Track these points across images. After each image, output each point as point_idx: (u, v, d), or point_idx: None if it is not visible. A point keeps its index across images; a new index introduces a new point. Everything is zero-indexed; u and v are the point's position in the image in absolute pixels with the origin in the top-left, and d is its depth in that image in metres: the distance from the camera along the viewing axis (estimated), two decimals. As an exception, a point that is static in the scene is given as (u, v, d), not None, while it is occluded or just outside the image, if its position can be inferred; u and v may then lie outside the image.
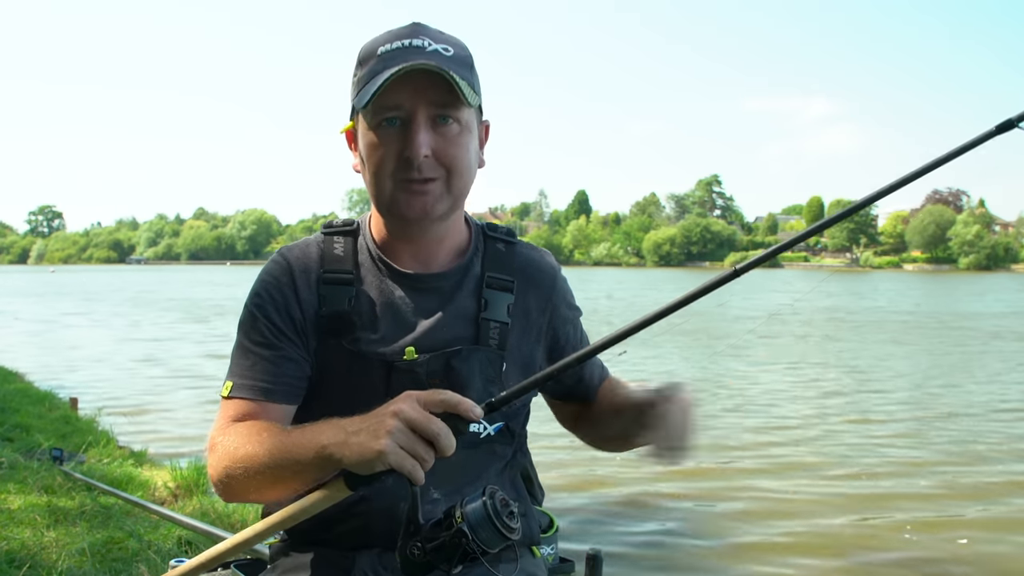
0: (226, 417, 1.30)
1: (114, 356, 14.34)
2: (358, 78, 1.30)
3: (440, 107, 1.25)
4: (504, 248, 1.44)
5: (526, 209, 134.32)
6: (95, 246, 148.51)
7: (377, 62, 1.26)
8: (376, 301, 1.34)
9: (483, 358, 1.34)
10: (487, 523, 1.01)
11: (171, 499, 4.77)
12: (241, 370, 1.32)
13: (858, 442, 7.78)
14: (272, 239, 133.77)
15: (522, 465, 1.49)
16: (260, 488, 1.20)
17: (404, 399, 1.05)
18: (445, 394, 1.05)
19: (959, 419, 8.81)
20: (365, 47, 1.31)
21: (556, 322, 1.46)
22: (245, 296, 1.38)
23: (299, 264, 1.35)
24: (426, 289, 1.36)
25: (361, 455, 1.03)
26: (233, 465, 1.20)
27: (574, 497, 5.68)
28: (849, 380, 11.84)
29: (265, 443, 1.17)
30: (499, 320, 1.36)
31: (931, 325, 21.23)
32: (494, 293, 1.38)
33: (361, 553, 1.30)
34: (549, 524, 1.55)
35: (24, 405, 7.20)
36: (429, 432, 1.02)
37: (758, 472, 6.66)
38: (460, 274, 1.38)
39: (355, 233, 1.40)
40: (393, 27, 1.32)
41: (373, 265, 1.37)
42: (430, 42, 1.27)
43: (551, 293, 1.46)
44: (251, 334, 1.33)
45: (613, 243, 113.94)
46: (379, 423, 1.03)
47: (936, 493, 6.11)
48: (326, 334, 1.33)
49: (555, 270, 1.49)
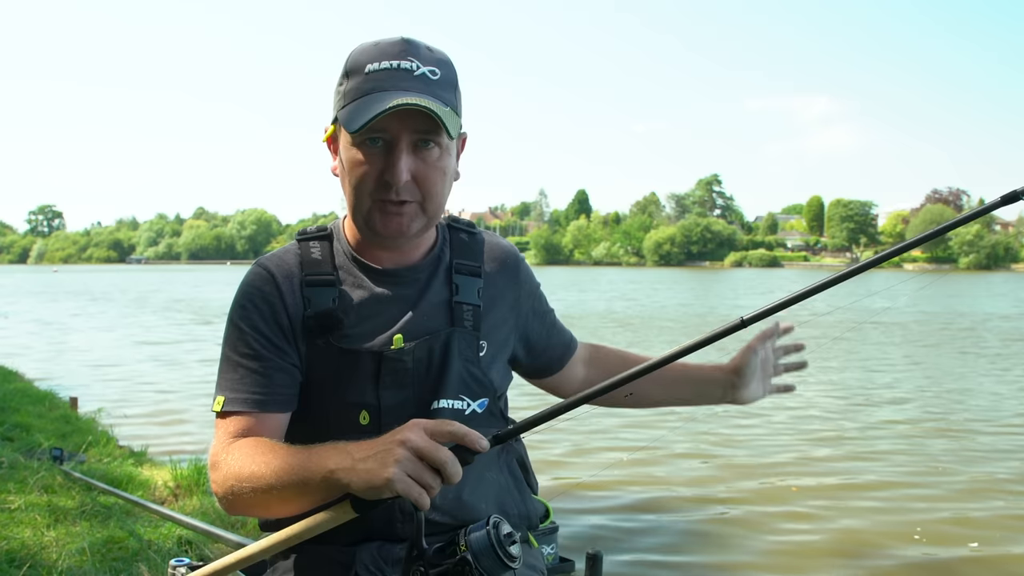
0: (225, 433, 1.31)
1: (115, 356, 14.34)
2: (344, 90, 1.31)
3: (423, 133, 1.28)
4: (467, 238, 1.50)
5: (526, 209, 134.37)
6: (95, 246, 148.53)
7: (364, 81, 1.28)
8: (358, 298, 1.38)
9: (460, 340, 1.39)
10: (490, 552, 1.05)
11: (171, 498, 4.77)
12: (231, 384, 1.33)
13: (864, 442, 7.78)
14: (272, 239, 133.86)
15: (518, 452, 1.52)
16: (266, 506, 1.24)
17: (411, 428, 1.08)
18: (452, 425, 1.08)
19: (974, 422, 8.78)
20: (353, 59, 1.31)
21: (524, 300, 1.54)
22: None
23: (280, 271, 1.38)
24: (403, 282, 1.40)
25: (369, 482, 1.06)
26: (239, 484, 1.22)
27: (574, 497, 5.68)
28: (855, 382, 11.82)
29: (271, 464, 1.19)
30: (471, 303, 1.42)
31: (960, 326, 21.08)
32: (463, 278, 1.44)
33: (361, 548, 1.31)
34: (545, 513, 1.56)
35: (24, 405, 7.20)
36: (436, 461, 1.05)
37: (759, 472, 6.65)
38: (432, 265, 1.44)
39: (330, 238, 1.44)
40: (381, 39, 1.32)
41: (351, 266, 1.41)
42: (418, 64, 1.29)
43: (516, 273, 1.54)
44: (238, 347, 1.34)
45: (613, 242, 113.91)
46: (387, 452, 1.06)
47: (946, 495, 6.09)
48: (314, 335, 1.35)
49: (517, 253, 1.57)
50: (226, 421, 1.32)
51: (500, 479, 1.43)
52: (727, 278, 63.33)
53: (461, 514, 1.32)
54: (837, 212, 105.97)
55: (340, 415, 1.34)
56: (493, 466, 1.42)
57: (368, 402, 1.32)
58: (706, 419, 8.43)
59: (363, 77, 1.28)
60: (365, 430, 1.31)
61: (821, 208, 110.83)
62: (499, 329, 1.47)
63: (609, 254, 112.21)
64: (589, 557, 1.66)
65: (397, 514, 1.31)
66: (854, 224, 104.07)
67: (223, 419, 1.33)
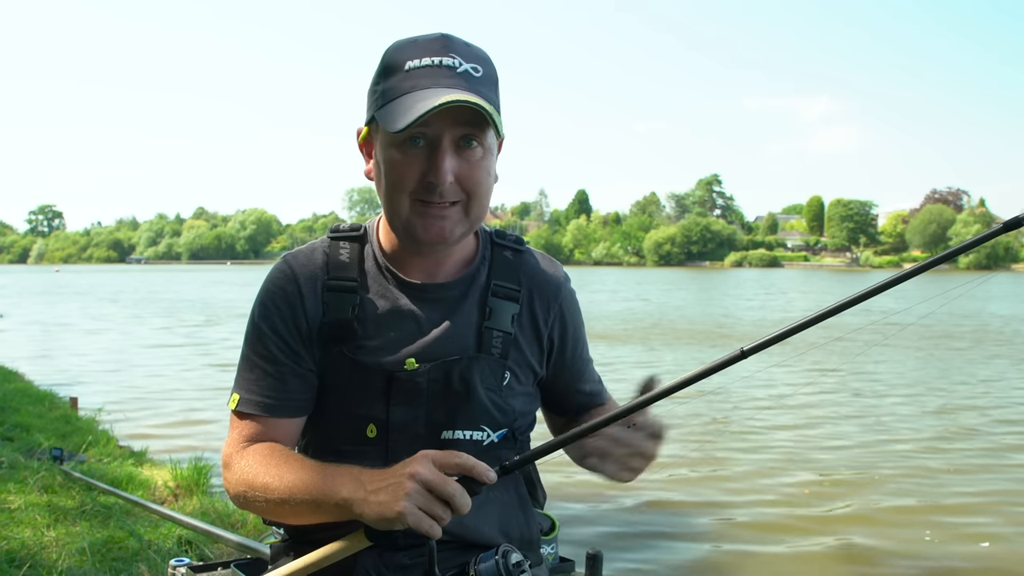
0: (239, 434, 1.33)
1: (115, 356, 14.34)
2: (382, 89, 1.25)
3: (467, 132, 1.23)
4: (512, 256, 1.42)
5: (526, 208, 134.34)
6: (95, 246, 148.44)
7: (405, 78, 1.23)
8: (380, 309, 1.33)
9: (484, 367, 1.34)
10: None
11: (171, 498, 4.78)
12: (247, 383, 1.34)
13: (872, 442, 7.77)
14: (272, 238, 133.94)
15: (526, 470, 1.49)
16: (278, 515, 1.28)
17: (420, 461, 1.10)
18: (461, 457, 1.11)
19: (987, 423, 8.76)
20: (391, 56, 1.26)
21: (557, 332, 1.45)
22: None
23: (304, 271, 1.35)
24: (431, 299, 1.35)
25: (381, 515, 1.10)
26: (251, 492, 1.26)
27: (575, 497, 5.68)
28: (862, 384, 11.80)
29: (284, 479, 1.22)
30: (502, 330, 1.36)
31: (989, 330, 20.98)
32: (499, 302, 1.37)
33: (363, 553, 1.29)
34: (551, 527, 1.55)
35: (24, 405, 7.21)
36: (445, 494, 1.08)
37: (760, 473, 6.65)
38: (466, 284, 1.37)
39: (362, 239, 1.39)
40: (418, 35, 1.27)
41: (379, 273, 1.36)
42: (460, 61, 1.23)
43: (555, 303, 1.44)
44: (257, 347, 1.34)
45: (613, 243, 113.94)
46: (398, 485, 1.09)
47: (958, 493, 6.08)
48: (329, 342, 1.33)
49: (562, 280, 1.46)
50: (240, 421, 1.33)
51: (504, 498, 1.40)
52: (729, 278, 63.27)
53: (463, 533, 1.31)
54: (837, 212, 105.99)
55: (349, 425, 1.33)
56: (498, 485, 1.35)
57: (377, 417, 1.31)
58: (707, 419, 8.43)
59: (403, 75, 1.23)
60: (372, 443, 1.31)
61: (821, 208, 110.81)
62: (526, 355, 1.40)
63: (609, 254, 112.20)
64: (589, 557, 1.66)
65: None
66: (854, 224, 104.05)
67: (237, 418, 1.34)
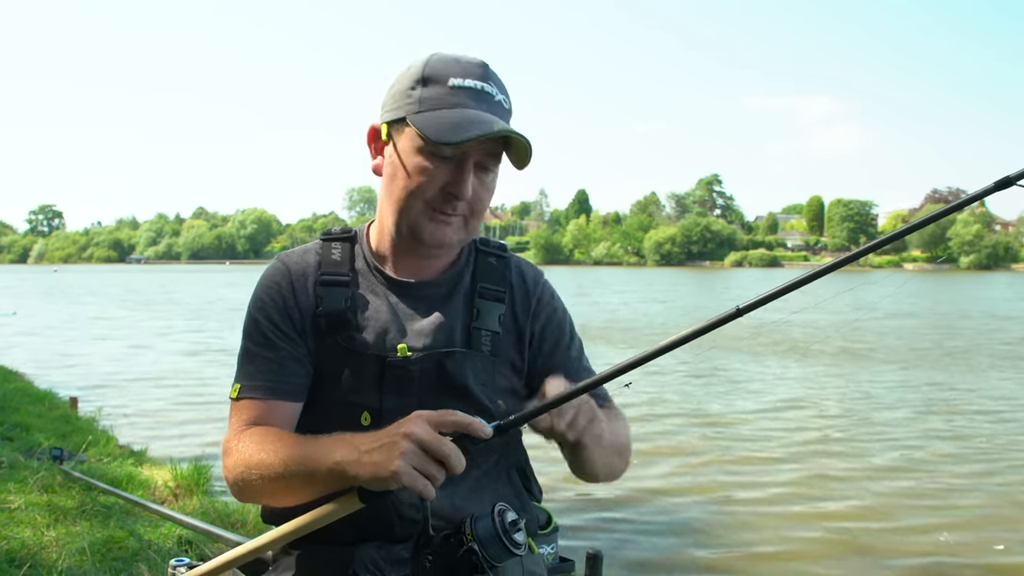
0: (238, 419, 1.36)
1: (115, 357, 14.34)
2: (421, 97, 1.30)
3: (491, 158, 1.32)
4: (495, 261, 1.49)
5: (526, 208, 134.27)
6: (95, 245, 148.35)
7: (450, 94, 1.29)
8: (370, 303, 1.40)
9: (476, 363, 1.38)
10: (496, 540, 1.10)
11: (171, 498, 4.78)
12: (247, 372, 1.38)
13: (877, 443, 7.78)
14: (272, 238, 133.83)
15: (518, 461, 1.51)
16: (274, 494, 1.28)
17: (415, 420, 1.09)
18: (455, 415, 1.10)
19: (997, 424, 8.77)
20: (432, 66, 1.32)
21: (539, 323, 1.48)
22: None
23: (297, 268, 1.42)
24: (419, 296, 1.41)
25: (375, 474, 1.10)
26: (248, 472, 1.27)
27: (574, 497, 5.68)
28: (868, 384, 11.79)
29: (279, 453, 1.23)
30: (490, 329, 1.41)
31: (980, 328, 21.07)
32: (486, 303, 1.43)
33: (360, 547, 1.32)
34: (547, 520, 1.55)
35: (24, 404, 7.21)
36: (440, 454, 1.07)
37: (760, 472, 6.65)
38: (451, 283, 1.44)
39: (352, 240, 1.47)
40: (460, 55, 1.34)
41: (369, 272, 1.43)
42: (496, 91, 1.33)
43: (533, 297, 1.49)
44: (254, 336, 1.39)
45: (613, 242, 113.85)
46: (392, 444, 1.09)
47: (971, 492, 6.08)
48: (323, 333, 1.38)
49: (539, 275, 1.54)
50: (240, 408, 1.37)
51: (499, 488, 1.42)
52: (730, 278, 63.29)
53: (458, 522, 1.32)
54: (837, 212, 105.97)
55: (342, 413, 1.35)
56: (492, 475, 1.42)
57: (370, 404, 1.34)
58: (707, 420, 8.43)
59: (447, 89, 1.29)
60: (366, 430, 1.31)
61: (821, 208, 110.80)
62: (511, 352, 1.45)
63: (609, 254, 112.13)
64: (589, 557, 1.66)
65: (395, 516, 1.32)
66: (854, 224, 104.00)
67: (237, 406, 1.37)
